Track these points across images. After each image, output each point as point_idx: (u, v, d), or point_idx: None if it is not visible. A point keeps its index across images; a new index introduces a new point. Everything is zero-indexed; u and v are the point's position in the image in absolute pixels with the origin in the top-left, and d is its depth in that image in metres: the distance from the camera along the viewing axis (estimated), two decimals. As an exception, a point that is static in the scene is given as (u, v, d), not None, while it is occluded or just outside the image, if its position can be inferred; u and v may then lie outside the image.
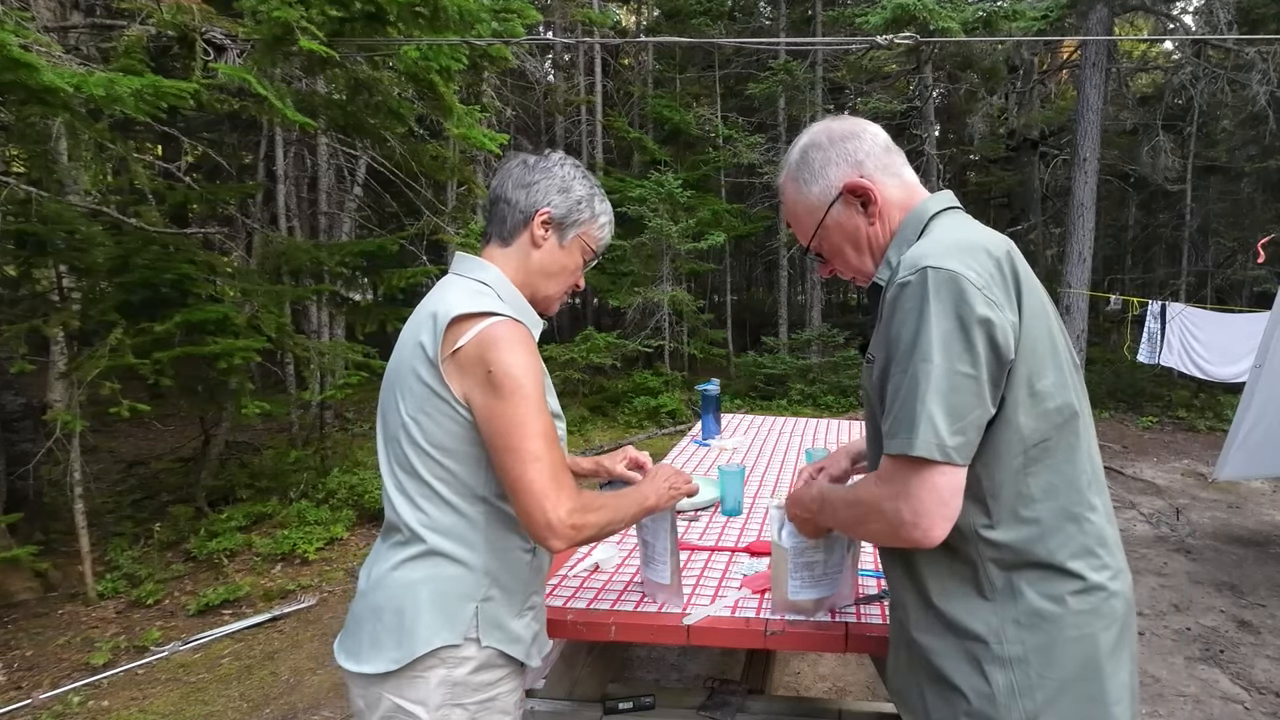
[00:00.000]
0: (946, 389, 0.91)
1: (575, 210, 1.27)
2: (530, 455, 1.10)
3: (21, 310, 4.05)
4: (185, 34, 3.56)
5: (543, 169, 1.27)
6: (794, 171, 1.17)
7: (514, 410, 1.11)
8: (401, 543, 1.18)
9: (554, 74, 12.49)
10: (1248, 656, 3.24)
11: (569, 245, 1.29)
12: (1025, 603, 0.98)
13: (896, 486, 0.95)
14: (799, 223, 1.19)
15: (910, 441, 0.91)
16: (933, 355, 0.91)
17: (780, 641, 1.46)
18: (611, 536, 1.32)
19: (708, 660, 2.98)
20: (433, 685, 1.13)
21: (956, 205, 1.13)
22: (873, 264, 1.14)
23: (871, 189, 1.10)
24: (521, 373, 1.11)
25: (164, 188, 4.68)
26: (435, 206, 5.62)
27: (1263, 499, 5.65)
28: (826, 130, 1.15)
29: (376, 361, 4.90)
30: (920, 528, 0.94)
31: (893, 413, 0.95)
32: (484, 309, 1.14)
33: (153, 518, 4.74)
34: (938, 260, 0.94)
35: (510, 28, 4.15)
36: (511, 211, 1.26)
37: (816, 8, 10.68)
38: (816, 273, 1.72)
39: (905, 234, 1.09)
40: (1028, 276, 1.00)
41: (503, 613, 1.19)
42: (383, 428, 1.23)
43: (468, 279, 1.23)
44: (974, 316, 0.91)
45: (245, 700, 2.98)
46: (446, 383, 1.12)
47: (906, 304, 0.95)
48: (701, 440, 2.97)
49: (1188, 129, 10.50)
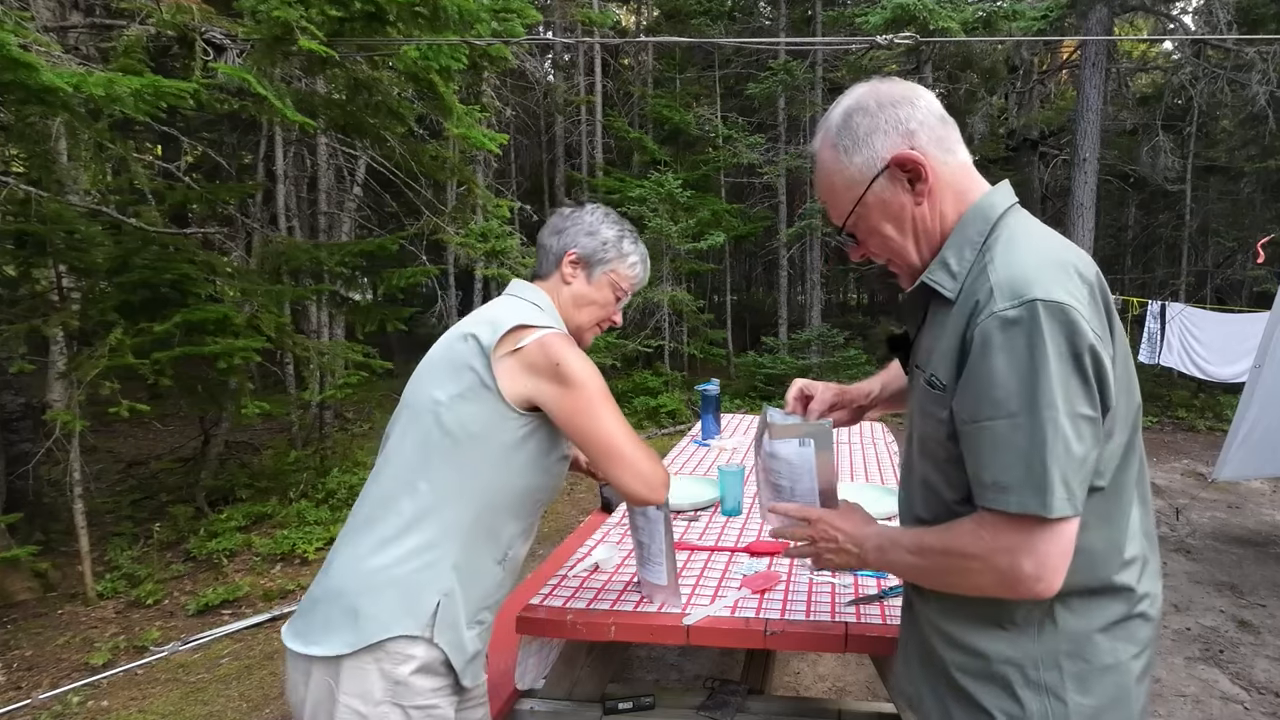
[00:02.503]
0: (1073, 437, 0.84)
1: (601, 250, 1.41)
2: (614, 425, 1.25)
3: (21, 310, 4.04)
4: (185, 34, 3.57)
5: (574, 218, 1.43)
6: (834, 137, 1.02)
7: (588, 397, 1.24)
8: (384, 528, 1.21)
9: (554, 74, 12.48)
10: (1247, 656, 3.24)
11: (597, 281, 1.42)
12: (1064, 630, 0.93)
13: (1015, 540, 0.87)
14: (835, 197, 1.04)
15: (1044, 502, 0.84)
16: (1057, 402, 0.83)
17: (780, 641, 1.46)
18: (611, 536, 1.35)
19: (707, 660, 2.98)
20: (373, 679, 1.15)
21: (1016, 199, 1.03)
22: (914, 249, 1.02)
23: (924, 164, 0.97)
24: (583, 364, 1.26)
25: (164, 188, 4.68)
26: (435, 206, 5.62)
27: (1262, 499, 5.65)
28: (874, 92, 1.01)
29: (376, 362, 4.90)
30: (1044, 581, 0.87)
31: (1003, 464, 0.86)
32: (542, 322, 1.29)
33: (152, 518, 4.74)
34: (1045, 290, 0.85)
35: (510, 28, 4.15)
36: (546, 254, 1.42)
37: (816, 8, 10.67)
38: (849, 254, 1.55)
39: (967, 233, 0.98)
40: (1110, 300, 0.94)
41: (459, 614, 1.22)
42: (407, 409, 1.29)
43: (521, 299, 1.37)
44: (1088, 353, 0.84)
45: (245, 700, 2.98)
46: (495, 375, 1.23)
47: (1016, 342, 0.85)
48: (701, 440, 2.97)
49: (1187, 129, 10.50)
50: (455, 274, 9.00)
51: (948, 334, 0.94)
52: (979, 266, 0.94)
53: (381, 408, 6.14)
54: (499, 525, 1.27)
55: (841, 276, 15.10)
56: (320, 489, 5.13)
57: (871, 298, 19.84)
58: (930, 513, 1.03)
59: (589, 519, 2.34)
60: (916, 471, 1.06)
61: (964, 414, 0.90)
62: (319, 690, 1.16)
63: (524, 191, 12.31)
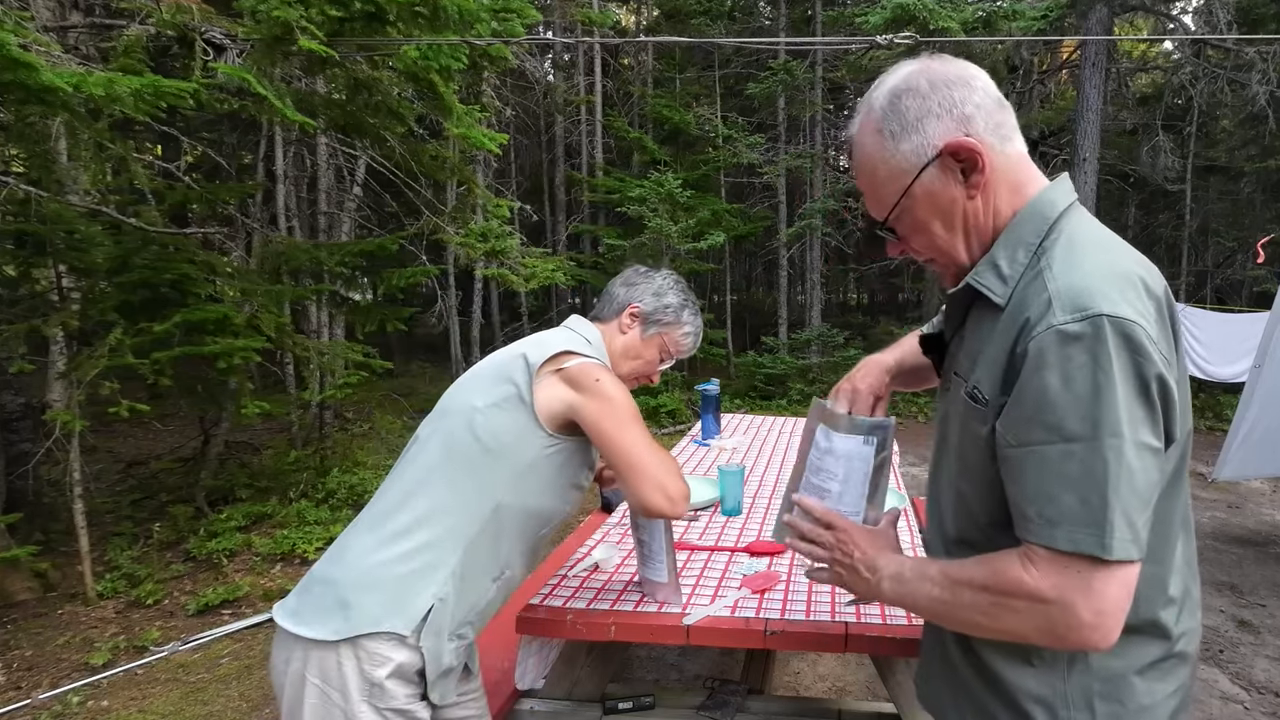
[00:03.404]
0: (1138, 469, 0.75)
1: (661, 311, 1.50)
2: (641, 439, 1.29)
3: (21, 310, 4.05)
4: (185, 34, 3.57)
5: (646, 276, 1.54)
6: (878, 120, 0.90)
7: (618, 408, 1.30)
8: (393, 524, 1.23)
9: (554, 74, 12.48)
10: (1247, 656, 3.23)
11: (649, 339, 1.51)
12: (1097, 670, 0.86)
13: (1070, 581, 0.77)
14: (877, 188, 0.93)
15: (1103, 542, 0.75)
16: (1122, 429, 0.75)
17: (780, 641, 1.46)
18: (611, 536, 1.36)
19: (707, 660, 2.98)
20: (349, 673, 1.16)
21: (1076, 196, 0.94)
22: (964, 247, 0.92)
23: (981, 153, 0.87)
24: (620, 389, 1.33)
25: (163, 187, 4.67)
26: (435, 206, 5.61)
27: (1262, 499, 5.65)
28: (926, 71, 0.89)
29: (376, 362, 4.89)
30: (1101, 629, 0.77)
31: (1051, 494, 0.77)
32: (589, 351, 1.38)
33: (152, 518, 4.74)
34: (1112, 305, 0.76)
35: (510, 28, 4.15)
36: (612, 300, 1.52)
37: (816, 8, 10.67)
38: (887, 250, 1.08)
39: (1021, 232, 0.88)
40: (1176, 318, 0.86)
41: (445, 622, 1.23)
42: (442, 412, 1.35)
43: (575, 332, 1.45)
44: (1154, 377, 0.76)
45: (245, 700, 2.98)
46: (534, 390, 1.29)
47: (1076, 360, 0.76)
48: (701, 440, 2.97)
49: (1187, 129, 10.50)
50: (455, 274, 8.99)
51: (994, 344, 0.85)
52: (1033, 271, 0.85)
53: (381, 408, 6.14)
54: (503, 541, 1.29)
55: (841, 276, 15.09)
56: (320, 489, 5.13)
57: (871, 298, 19.85)
58: (959, 529, 0.95)
59: (589, 519, 2.34)
60: (951, 484, 0.96)
61: (1010, 435, 0.81)
62: (298, 671, 1.18)
63: (524, 191, 12.31)
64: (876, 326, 12.83)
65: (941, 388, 1.03)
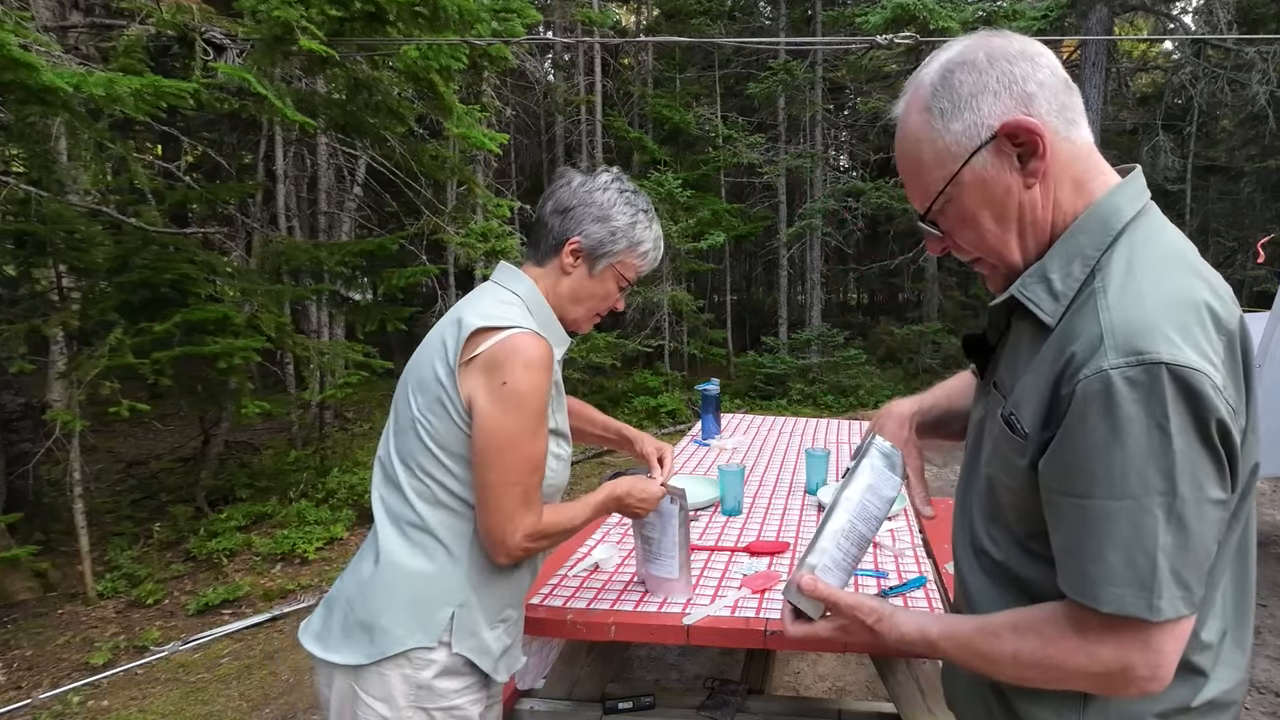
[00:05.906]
0: (1196, 526, 0.69)
1: (609, 241, 1.24)
2: (511, 476, 1.14)
3: (21, 310, 4.05)
4: (185, 34, 3.57)
5: (584, 193, 1.24)
6: (927, 97, 0.80)
7: (511, 427, 1.13)
8: (388, 540, 1.20)
9: (554, 74, 12.48)
10: (1247, 656, 3.23)
11: (600, 275, 1.27)
12: (1114, 711, 0.80)
13: (1127, 644, 0.72)
14: (920, 173, 0.83)
15: (1151, 603, 0.69)
16: (1178, 487, 0.68)
17: (780, 641, 1.46)
18: (611, 536, 1.33)
19: (707, 660, 2.98)
20: (395, 684, 1.15)
21: (1149, 196, 0.83)
22: (1018, 244, 0.81)
23: (1042, 136, 0.76)
24: (529, 390, 1.13)
25: (164, 187, 4.68)
26: (435, 206, 5.62)
27: (1263, 499, 5.65)
28: (984, 44, 0.79)
29: (376, 361, 4.89)
30: (1158, 679, 0.73)
31: (1095, 551, 0.71)
32: (508, 321, 1.15)
33: (152, 518, 4.74)
34: (1172, 350, 0.67)
35: (510, 28, 4.16)
36: (546, 235, 1.26)
37: (816, 8, 10.68)
38: (928, 247, 0.90)
39: (1080, 242, 0.78)
40: (1250, 350, 0.77)
41: (478, 620, 1.20)
42: (394, 421, 1.24)
43: (502, 288, 1.24)
44: (1217, 427, 0.68)
45: (245, 700, 2.98)
46: (459, 388, 1.14)
47: (1128, 411, 0.68)
48: (701, 440, 2.97)
49: (1188, 129, 10.51)
50: (455, 274, 8.99)
51: (1036, 371, 0.77)
52: (1088, 292, 0.75)
53: (382, 407, 6.14)
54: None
55: (841, 276, 15.07)
56: (320, 489, 5.13)
57: (872, 297, 19.84)
58: (991, 539, 0.88)
59: (589, 519, 2.34)
60: (981, 496, 0.90)
61: (1053, 481, 0.74)
62: (342, 693, 1.17)
63: (524, 191, 12.30)
64: (876, 326, 12.82)
65: (981, 389, 0.96)
